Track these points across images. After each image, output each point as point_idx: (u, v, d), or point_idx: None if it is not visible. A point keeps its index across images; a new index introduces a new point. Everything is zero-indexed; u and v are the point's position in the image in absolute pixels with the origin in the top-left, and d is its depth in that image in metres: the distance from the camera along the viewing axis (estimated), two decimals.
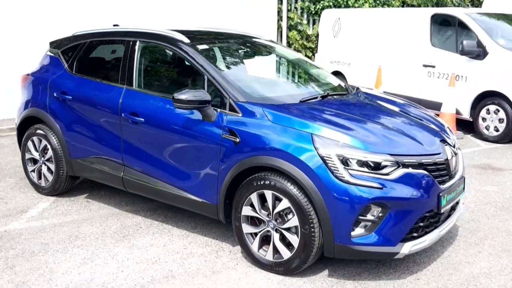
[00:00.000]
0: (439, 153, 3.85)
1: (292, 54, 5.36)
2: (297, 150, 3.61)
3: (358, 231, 3.54)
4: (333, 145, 3.56)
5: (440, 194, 3.73)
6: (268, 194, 3.76)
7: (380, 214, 3.52)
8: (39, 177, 5.51)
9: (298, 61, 5.29)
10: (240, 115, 3.95)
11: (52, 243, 4.40)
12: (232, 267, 3.99)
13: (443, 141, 4.01)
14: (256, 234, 3.90)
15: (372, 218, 3.52)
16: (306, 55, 12.23)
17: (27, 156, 5.57)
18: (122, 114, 4.59)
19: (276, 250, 3.82)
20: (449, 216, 4.10)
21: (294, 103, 4.12)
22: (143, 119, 4.45)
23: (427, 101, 9.34)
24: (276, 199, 3.73)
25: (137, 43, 4.72)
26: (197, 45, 4.47)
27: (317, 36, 12.15)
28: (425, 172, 3.67)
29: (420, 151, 3.74)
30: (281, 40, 11.85)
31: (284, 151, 3.65)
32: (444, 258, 4.16)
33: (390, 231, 3.55)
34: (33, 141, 5.47)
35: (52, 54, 5.50)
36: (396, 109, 4.47)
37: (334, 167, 3.50)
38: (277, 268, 3.83)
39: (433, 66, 9.20)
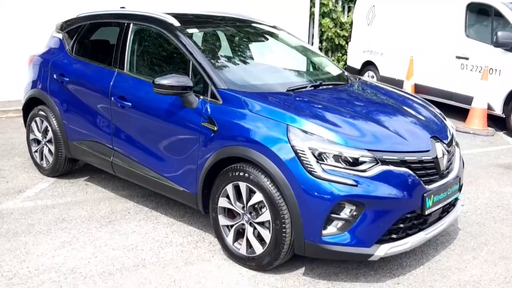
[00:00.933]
0: (427, 151, 3.58)
1: (295, 42, 5.14)
2: (270, 142, 3.44)
3: (330, 229, 3.34)
4: (307, 137, 3.36)
5: (425, 195, 3.48)
6: (243, 186, 3.62)
7: (354, 213, 3.31)
8: (41, 158, 5.56)
9: (299, 48, 5.07)
10: (220, 102, 3.81)
11: (38, 225, 4.42)
12: (207, 259, 3.88)
13: (436, 138, 3.73)
14: (231, 226, 3.77)
15: (345, 216, 3.32)
16: (339, 44, 11.89)
17: (31, 136, 5.64)
18: (112, 98, 4.53)
19: (249, 245, 3.68)
20: (440, 218, 3.83)
21: (278, 92, 3.94)
22: (130, 104, 4.38)
23: (459, 95, 8.89)
24: (251, 192, 3.58)
25: (131, 25, 4.64)
26: (187, 29, 4.34)
27: (351, 24, 11.78)
28: (408, 170, 3.42)
29: (404, 147, 3.49)
30: (313, 28, 11.55)
31: (259, 142, 3.49)
32: (434, 263, 3.90)
33: (364, 231, 3.34)
34: (36, 122, 5.52)
35: (56, 36, 5.51)
36: (391, 102, 4.20)
37: (307, 161, 3.31)
38: (250, 263, 3.69)
39: (467, 58, 8.72)
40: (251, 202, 3.60)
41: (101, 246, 4.06)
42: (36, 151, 5.60)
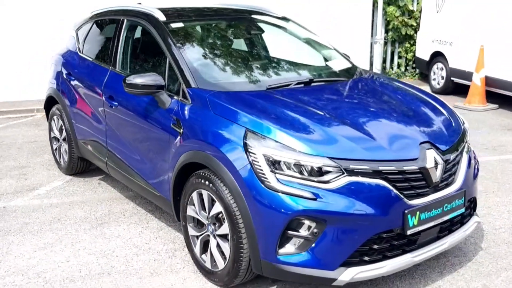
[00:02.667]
0: (413, 159, 3.04)
1: (302, 34, 4.68)
2: (227, 147, 3.10)
3: (288, 248, 2.93)
4: (264, 143, 2.98)
5: (407, 211, 2.96)
6: (205, 194, 3.31)
7: (315, 230, 2.88)
8: (60, 156, 5.60)
9: (304, 41, 4.61)
10: (189, 102, 3.52)
11: (33, 224, 4.40)
12: (176, 270, 3.61)
13: (430, 144, 3.16)
14: (198, 237, 3.47)
15: (305, 234, 2.90)
16: (406, 34, 11.03)
17: (52, 134, 5.69)
18: (103, 97, 4.40)
19: (213, 258, 3.36)
20: (438, 237, 3.26)
21: (254, 91, 3.57)
22: (117, 104, 4.22)
23: None
24: (213, 201, 3.26)
25: (124, 22, 4.48)
26: (171, 23, 4.08)
27: (421, 12, 10.90)
28: (383, 182, 2.92)
29: (379, 155, 2.97)
30: (376, 16, 10.82)
31: (216, 147, 3.16)
32: None
33: (327, 251, 2.90)
34: (54, 121, 5.56)
35: (72, 35, 5.49)
36: (390, 102, 3.65)
37: (260, 169, 2.93)
38: (213, 278, 3.38)
39: None
40: (212, 213, 3.28)
41: (80, 249, 3.93)
42: (56, 149, 5.65)
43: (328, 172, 2.88)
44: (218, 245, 3.29)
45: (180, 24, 4.12)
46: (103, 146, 4.60)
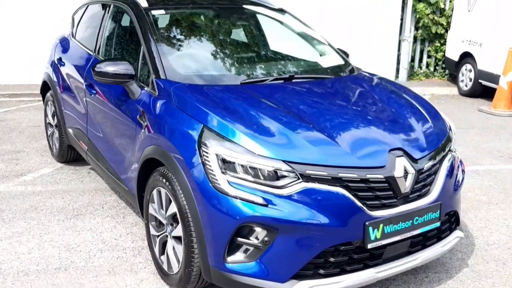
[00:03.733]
0: (379, 167, 2.77)
1: (296, 27, 4.41)
2: (182, 144, 2.91)
3: (238, 256, 2.72)
4: (218, 142, 2.76)
5: (368, 223, 2.70)
6: (163, 193, 3.13)
7: (266, 239, 2.65)
8: (52, 143, 5.53)
9: (297, 35, 4.34)
10: (156, 94, 3.34)
11: (8, 211, 4.32)
12: (136, 270, 3.45)
13: (403, 151, 2.88)
14: (157, 237, 3.30)
15: (255, 242, 2.68)
16: (436, 33, 10.54)
17: (47, 120, 5.62)
18: (84, 85, 4.27)
19: (169, 260, 3.18)
20: (410, 252, 2.99)
21: (225, 85, 3.35)
22: (95, 92, 4.08)
23: None
24: (170, 200, 3.07)
25: (111, 7, 4.33)
26: (152, 10, 3.90)
27: (453, 10, 10.41)
28: (343, 190, 2.67)
29: (340, 161, 2.72)
30: (405, 13, 10.37)
31: (172, 143, 2.97)
32: None
33: (277, 262, 2.67)
34: (48, 106, 5.49)
35: (70, 19, 5.40)
36: (369, 103, 3.36)
37: (211, 170, 2.72)
38: (169, 282, 3.20)
39: None
40: (168, 213, 3.10)
41: (46, 241, 3.82)
42: (50, 136, 5.59)
43: (283, 176, 2.65)
44: (174, 247, 3.11)
45: (162, 12, 3.94)
46: (84, 135, 4.49)
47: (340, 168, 2.68)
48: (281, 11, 4.46)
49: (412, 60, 10.89)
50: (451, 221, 3.22)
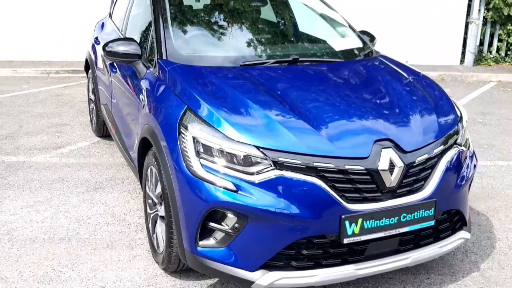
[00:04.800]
0: (360, 158, 2.61)
1: (318, 9, 4.22)
2: (166, 125, 2.90)
3: (210, 241, 2.68)
4: (197, 124, 2.72)
5: (344, 217, 2.56)
6: (153, 172, 3.15)
7: (236, 225, 2.59)
8: (92, 118, 5.74)
9: (317, 17, 4.17)
10: (157, 74, 3.34)
11: (36, 181, 4.55)
12: (133, 246, 3.52)
13: (392, 143, 2.69)
14: (150, 215, 3.34)
15: (225, 228, 2.63)
16: (508, 15, 9.72)
17: (89, 96, 5.84)
18: (107, 63, 4.38)
19: (157, 239, 3.21)
20: (399, 251, 2.81)
21: (221, 67, 3.29)
22: (115, 70, 4.17)
23: None
24: (158, 180, 3.09)
25: None
26: None
27: None
28: (318, 180, 2.54)
29: (317, 150, 2.57)
30: None
31: (158, 124, 2.97)
32: None
33: (246, 250, 2.61)
34: (90, 83, 5.69)
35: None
36: (373, 92, 3.16)
37: (186, 152, 2.69)
38: (156, 260, 3.23)
39: None
40: (156, 192, 3.12)
41: (60, 212, 3.99)
42: (91, 111, 5.80)
43: (257, 163, 2.56)
44: (160, 227, 3.13)
45: None
46: (109, 111, 4.61)
47: (316, 157, 2.55)
48: None
49: (481, 44, 10.17)
50: (452, 220, 2.98)
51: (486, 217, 4.02)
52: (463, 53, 9.91)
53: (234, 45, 3.67)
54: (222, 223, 2.63)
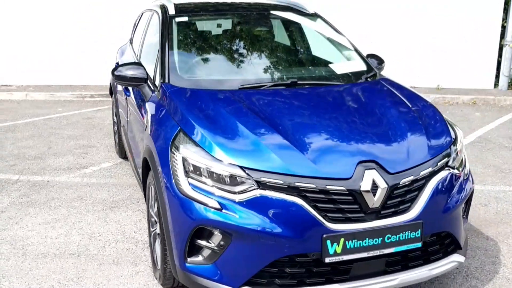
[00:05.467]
0: (343, 179, 2.66)
1: (325, 34, 4.32)
2: (160, 145, 3.04)
3: (198, 257, 2.78)
4: (187, 145, 2.85)
5: (326, 236, 2.61)
6: (152, 190, 3.29)
7: (222, 243, 2.69)
8: (115, 140, 5.98)
9: (322, 41, 4.25)
10: (159, 97, 3.51)
11: (57, 199, 4.77)
12: (137, 262, 3.65)
13: (377, 164, 2.74)
14: (152, 232, 3.47)
15: (212, 245, 2.72)
16: None
17: (113, 119, 6.09)
18: (123, 87, 4.59)
19: (156, 256, 3.33)
20: (386, 272, 2.83)
21: (219, 90, 3.42)
22: (128, 93, 4.37)
23: None
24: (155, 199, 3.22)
25: (153, 14, 4.59)
26: (177, 18, 4.08)
27: None
28: (300, 200, 2.61)
29: (299, 170, 2.65)
30: (509, 15, 9.52)
31: (155, 143, 3.12)
32: None
33: (231, 267, 2.69)
34: (113, 106, 5.95)
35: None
36: (364, 115, 3.20)
37: (176, 171, 2.82)
38: (156, 276, 3.35)
39: None
40: (154, 210, 3.25)
41: (74, 229, 4.17)
42: (115, 133, 6.04)
43: (242, 183, 2.66)
44: (158, 243, 3.26)
45: (185, 18, 4.11)
46: (126, 133, 4.81)
47: (298, 177, 2.63)
48: (313, 16, 4.40)
49: None
50: (443, 243, 2.98)
51: (495, 242, 3.95)
52: (497, 77, 9.75)
53: (235, 69, 3.81)
54: (209, 241, 2.73)
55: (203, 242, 2.74)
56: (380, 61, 4.24)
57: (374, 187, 2.67)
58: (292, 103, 3.26)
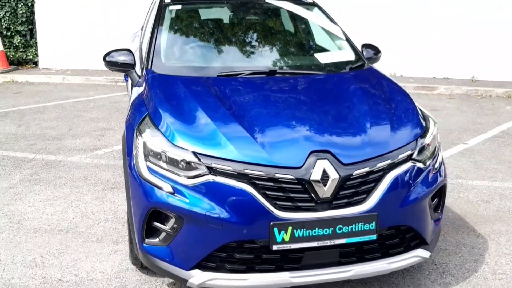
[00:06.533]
0: (293, 167, 2.66)
1: (320, 23, 4.25)
2: (129, 130, 3.13)
3: (154, 239, 2.86)
4: (149, 130, 2.93)
5: (272, 224, 2.63)
6: None
7: (175, 226, 2.75)
8: None
9: (315, 30, 4.21)
10: (142, 83, 3.60)
11: (64, 179, 4.99)
12: (120, 242, 3.76)
13: (331, 154, 2.71)
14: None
15: (166, 228, 2.80)
16: None
17: None
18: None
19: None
20: (341, 263, 2.81)
21: (196, 77, 3.47)
22: (127, 79, 4.50)
23: None
24: None
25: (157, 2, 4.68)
26: (171, 5, 4.15)
27: None
28: (249, 187, 2.63)
29: (249, 158, 2.66)
30: None
31: (126, 127, 3.22)
32: None
33: (182, 250, 2.75)
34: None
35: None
36: (333, 104, 3.17)
37: (137, 155, 2.90)
38: (131, 255, 3.46)
39: None
40: None
41: (71, 207, 4.35)
42: None
43: (195, 168, 2.71)
44: None
45: (178, 6, 4.17)
46: None
47: (248, 165, 2.64)
48: (311, 5, 4.36)
49: None
50: (405, 237, 2.92)
51: (485, 240, 3.83)
52: None
53: (216, 57, 3.84)
54: (165, 223, 2.80)
55: (159, 225, 2.81)
56: (377, 51, 4.16)
57: (325, 177, 2.65)
58: (262, 92, 3.27)
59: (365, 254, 2.83)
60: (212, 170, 2.67)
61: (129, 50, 3.85)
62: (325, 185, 2.65)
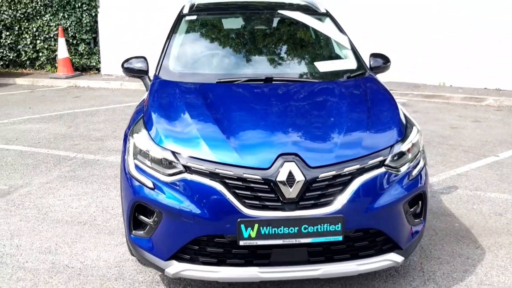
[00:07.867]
0: (261, 169, 2.84)
1: (329, 32, 4.37)
2: (126, 131, 3.44)
3: (140, 231, 3.13)
4: (140, 132, 3.21)
5: (239, 220, 2.82)
6: None
7: (156, 219, 3.01)
8: None
9: (322, 40, 4.33)
10: (149, 87, 3.91)
11: (96, 176, 5.40)
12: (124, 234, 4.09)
13: (298, 157, 2.87)
14: None
15: (148, 221, 3.05)
16: None
17: None
18: None
19: None
20: (310, 262, 2.95)
21: (195, 83, 3.72)
22: None
23: None
24: None
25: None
26: (187, 16, 4.44)
27: None
28: (220, 185, 2.83)
29: (221, 158, 2.86)
30: None
31: (127, 128, 3.53)
32: None
33: (161, 241, 3.00)
34: None
35: None
36: (316, 110, 3.32)
37: (128, 153, 3.20)
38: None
39: None
40: None
41: (95, 202, 4.73)
42: None
43: (174, 166, 2.96)
44: None
45: (193, 17, 4.45)
46: None
47: (220, 165, 2.85)
48: (323, 15, 4.50)
49: None
50: (375, 240, 3.01)
51: (484, 251, 3.80)
52: None
53: (218, 64, 4.07)
54: (148, 217, 3.06)
55: (143, 218, 3.08)
56: (386, 61, 4.23)
57: (292, 178, 2.80)
58: (248, 98, 3.47)
59: (334, 254, 2.95)
60: (188, 169, 2.90)
61: (144, 58, 4.17)
62: (291, 186, 2.80)
